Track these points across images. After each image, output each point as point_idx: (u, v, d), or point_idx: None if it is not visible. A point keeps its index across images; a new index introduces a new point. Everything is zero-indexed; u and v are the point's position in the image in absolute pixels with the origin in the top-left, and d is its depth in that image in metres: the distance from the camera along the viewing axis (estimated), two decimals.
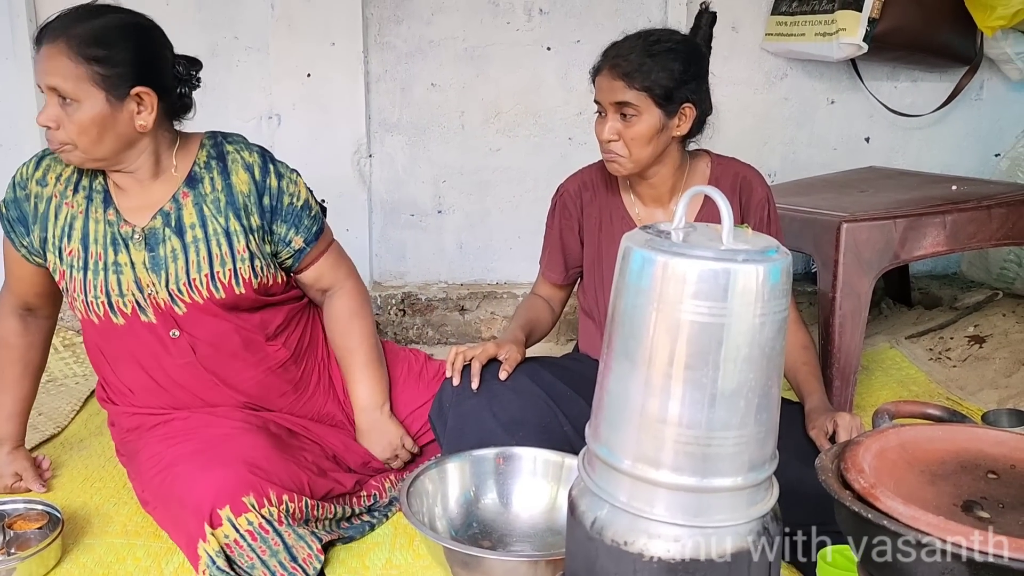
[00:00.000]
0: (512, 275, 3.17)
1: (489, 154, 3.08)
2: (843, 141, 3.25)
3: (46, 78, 1.57)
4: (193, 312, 1.71)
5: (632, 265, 1.03)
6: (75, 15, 1.59)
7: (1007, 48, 3.01)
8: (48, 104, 1.58)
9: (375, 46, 2.95)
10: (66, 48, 1.55)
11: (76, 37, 1.56)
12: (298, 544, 1.56)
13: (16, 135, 2.81)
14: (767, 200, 1.85)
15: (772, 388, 1.04)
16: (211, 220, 1.71)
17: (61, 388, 2.47)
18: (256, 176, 1.74)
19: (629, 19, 3.02)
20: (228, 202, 1.72)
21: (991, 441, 1.19)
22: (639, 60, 1.67)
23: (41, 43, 1.58)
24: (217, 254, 1.71)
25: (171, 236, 1.70)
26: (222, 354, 1.75)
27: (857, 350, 2.23)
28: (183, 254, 1.70)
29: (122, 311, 1.70)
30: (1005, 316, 2.83)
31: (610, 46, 1.74)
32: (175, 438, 1.69)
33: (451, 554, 1.41)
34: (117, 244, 1.70)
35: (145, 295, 1.70)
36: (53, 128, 1.59)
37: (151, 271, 1.70)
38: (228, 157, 1.75)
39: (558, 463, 1.63)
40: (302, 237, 1.80)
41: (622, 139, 1.70)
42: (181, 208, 1.71)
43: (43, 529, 1.68)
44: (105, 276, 1.69)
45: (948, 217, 2.28)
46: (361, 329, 1.89)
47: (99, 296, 1.69)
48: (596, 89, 1.74)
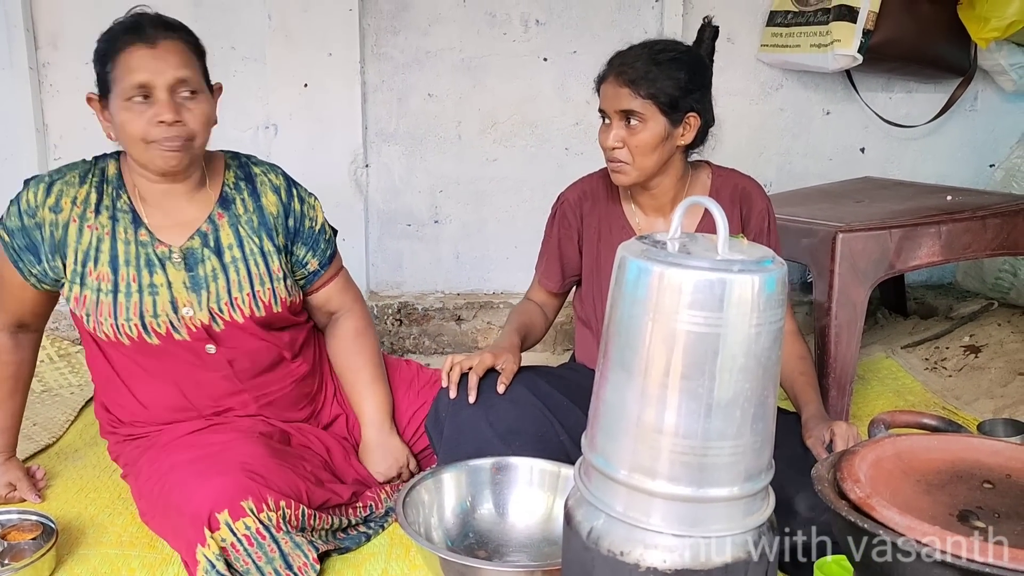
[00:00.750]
0: (509, 285, 3.17)
1: (486, 164, 3.09)
2: (838, 152, 3.27)
3: (177, 72, 1.59)
4: (230, 330, 1.73)
5: (628, 275, 1.03)
6: (151, 16, 1.65)
7: (1001, 59, 3.03)
8: (169, 101, 1.59)
9: (372, 56, 2.96)
10: (182, 43, 1.63)
11: (185, 32, 1.65)
12: (294, 552, 1.56)
13: (14, 145, 2.81)
14: (767, 212, 1.86)
15: (768, 398, 1.04)
16: (247, 240, 1.75)
17: (56, 398, 2.46)
18: (283, 198, 1.80)
19: (625, 30, 3.03)
20: (260, 223, 1.77)
21: (987, 451, 1.20)
22: (645, 68, 1.67)
23: (155, 41, 1.59)
24: (256, 274, 1.74)
25: (210, 256, 1.72)
26: (256, 368, 1.78)
27: (853, 360, 2.23)
28: (223, 274, 1.72)
29: (156, 331, 1.69)
30: (1000, 326, 2.84)
31: (615, 55, 1.74)
32: (174, 446, 1.69)
33: (447, 564, 1.41)
34: (152, 265, 1.69)
35: (179, 315, 1.69)
36: (180, 123, 1.60)
37: (191, 291, 1.70)
38: (256, 179, 1.80)
39: (554, 473, 1.63)
40: (317, 260, 1.85)
41: (627, 147, 1.70)
42: (218, 229, 1.73)
43: (37, 540, 1.67)
44: (140, 298, 1.68)
45: (943, 227, 2.29)
46: (368, 348, 1.93)
47: (131, 319, 1.67)
48: (601, 97, 1.73)
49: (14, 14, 2.71)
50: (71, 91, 2.82)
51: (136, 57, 1.58)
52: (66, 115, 2.85)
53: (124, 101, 1.58)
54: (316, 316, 1.93)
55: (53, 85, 2.82)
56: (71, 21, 2.78)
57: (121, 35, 1.61)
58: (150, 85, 1.58)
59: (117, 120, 1.61)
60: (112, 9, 2.74)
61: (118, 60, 1.59)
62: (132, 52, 1.58)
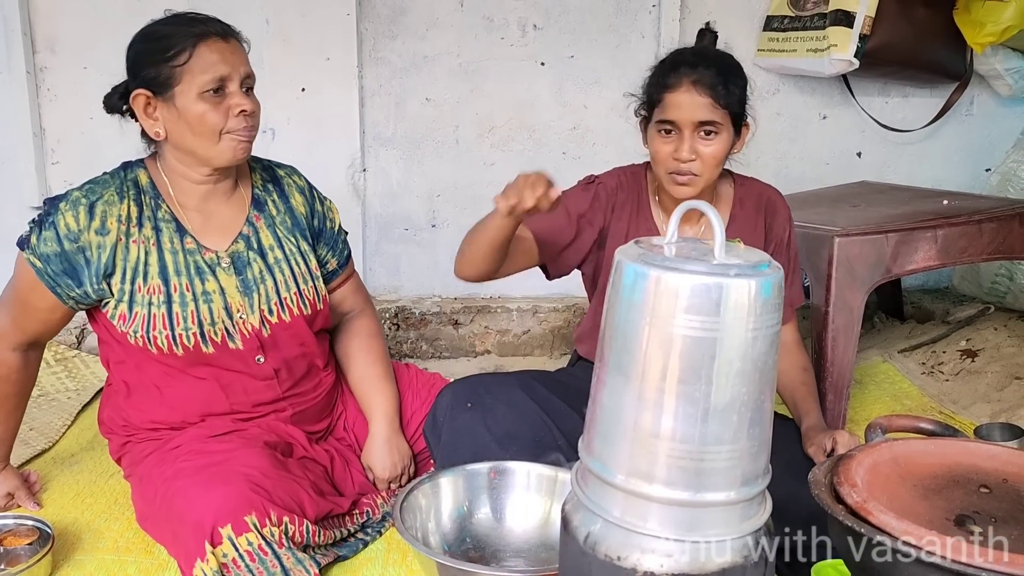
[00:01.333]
0: (506, 289, 3.16)
1: (483, 168, 3.09)
2: (835, 156, 3.27)
3: (247, 67, 1.64)
4: (277, 332, 1.75)
5: (625, 279, 1.03)
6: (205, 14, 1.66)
7: (997, 64, 3.04)
8: (243, 93, 1.63)
9: (370, 61, 2.96)
10: (240, 41, 1.66)
11: (236, 34, 1.67)
12: (296, 568, 1.53)
13: (11, 150, 2.81)
14: (788, 221, 1.87)
15: (765, 402, 1.04)
16: (285, 241, 1.79)
17: (53, 403, 2.45)
18: (308, 199, 1.85)
19: (623, 35, 3.04)
20: (293, 223, 1.81)
21: (983, 455, 1.20)
22: (720, 76, 1.63)
23: (227, 36, 1.63)
24: (299, 272, 1.79)
25: (255, 259, 1.74)
26: (294, 377, 1.81)
27: (850, 364, 2.24)
28: (270, 275, 1.75)
29: (213, 340, 1.69)
30: (997, 330, 2.84)
31: (673, 61, 1.68)
32: (179, 452, 1.68)
33: (444, 569, 1.40)
34: (203, 272, 1.69)
35: (234, 321, 1.70)
36: (256, 114, 1.66)
37: (243, 295, 1.71)
38: (283, 181, 1.84)
39: (551, 478, 1.63)
40: (336, 260, 1.90)
41: (700, 159, 1.65)
42: (258, 231, 1.77)
43: (33, 545, 1.67)
44: (196, 306, 1.67)
45: (940, 232, 2.29)
46: (380, 347, 1.97)
47: (190, 328, 1.67)
48: (667, 106, 1.65)
49: (12, 18, 2.70)
50: (69, 95, 2.82)
51: (216, 49, 1.60)
52: (63, 120, 2.84)
53: (200, 94, 1.59)
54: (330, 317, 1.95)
55: (51, 90, 2.82)
56: (69, 25, 2.78)
57: (191, 27, 1.61)
58: (228, 78, 1.60)
59: (190, 113, 1.60)
60: (109, 14, 2.75)
61: (196, 52, 1.59)
62: (211, 44, 1.60)
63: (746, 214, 1.83)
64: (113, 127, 2.83)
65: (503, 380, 1.79)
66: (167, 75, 1.60)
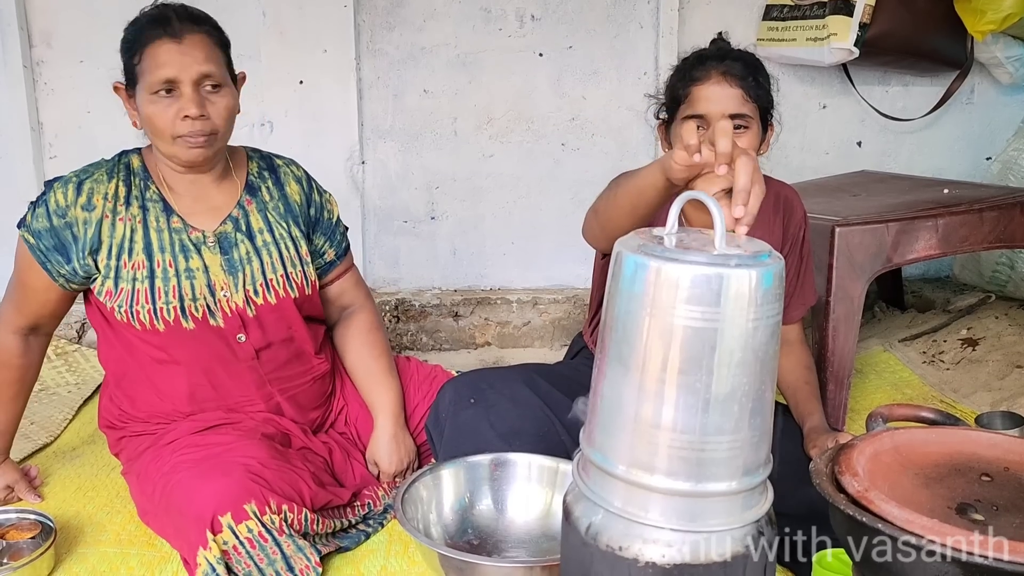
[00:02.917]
0: (505, 281, 3.17)
1: (482, 160, 3.08)
2: (835, 145, 3.27)
3: (202, 66, 1.61)
4: (263, 314, 1.76)
5: (625, 270, 1.03)
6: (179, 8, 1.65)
7: (997, 52, 3.03)
8: (194, 96, 1.60)
9: (367, 53, 2.95)
10: (207, 37, 1.64)
11: (210, 25, 1.66)
12: (296, 555, 1.55)
13: (8, 144, 2.81)
14: (804, 220, 1.86)
15: (766, 392, 1.04)
16: (276, 225, 1.80)
17: (53, 397, 2.45)
18: (304, 188, 1.87)
19: (621, 25, 3.03)
20: (286, 210, 1.82)
21: (985, 444, 1.20)
22: (748, 69, 1.59)
23: (182, 35, 1.60)
24: (288, 256, 1.79)
25: (243, 240, 1.76)
26: (278, 359, 1.80)
27: (851, 354, 2.23)
28: (257, 257, 1.76)
29: (193, 316, 1.71)
30: (998, 319, 2.84)
31: (700, 55, 1.64)
32: (177, 446, 1.69)
33: (446, 560, 1.41)
34: (187, 250, 1.71)
35: (216, 299, 1.72)
36: (204, 117, 1.62)
37: (227, 273, 1.73)
38: (279, 170, 1.86)
39: (553, 469, 1.63)
40: (334, 250, 1.91)
41: None
42: (248, 214, 1.78)
43: (36, 539, 1.67)
44: (178, 282, 1.69)
45: (940, 220, 2.29)
46: (382, 342, 1.98)
47: (171, 302, 1.69)
48: (696, 99, 1.62)
49: (7, 13, 2.70)
50: (66, 90, 2.82)
51: (163, 51, 1.60)
52: (61, 114, 2.84)
53: (150, 95, 1.61)
54: (329, 311, 1.96)
55: (48, 84, 2.82)
56: (65, 19, 2.77)
57: (148, 27, 1.62)
58: (176, 80, 1.60)
59: (144, 112, 1.64)
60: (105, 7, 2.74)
61: (145, 53, 1.61)
62: (159, 46, 1.60)
63: (763, 215, 1.81)
64: (110, 120, 2.84)
65: (506, 375, 1.78)
66: (130, 72, 1.65)
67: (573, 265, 3.10)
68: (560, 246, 3.13)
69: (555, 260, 3.15)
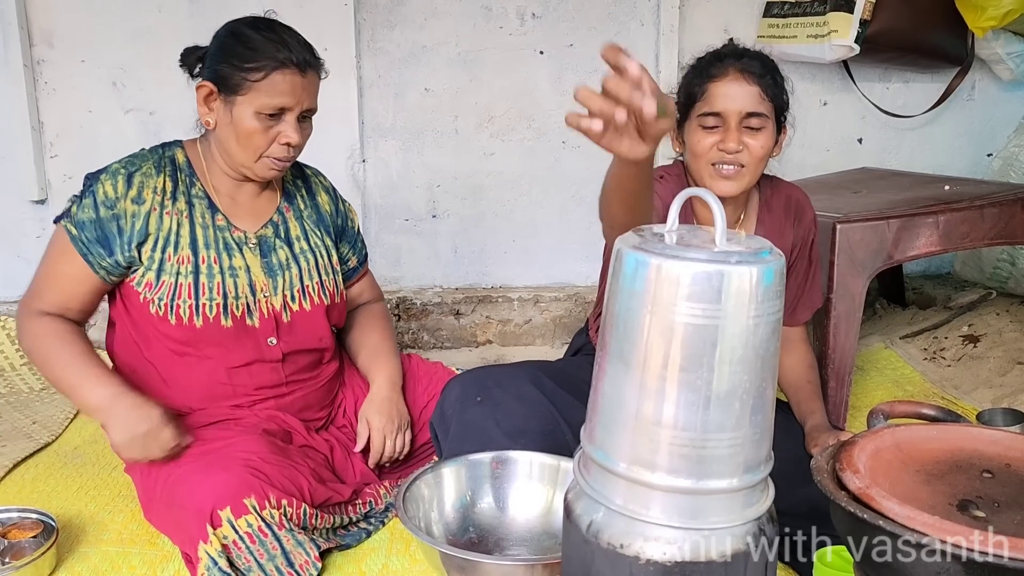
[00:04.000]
0: (507, 279, 3.17)
1: (483, 158, 3.08)
2: (836, 142, 3.27)
3: (312, 102, 1.70)
4: (296, 320, 1.80)
5: (626, 267, 1.03)
6: (299, 38, 1.69)
7: (998, 48, 3.02)
8: (295, 125, 1.67)
9: (368, 51, 2.95)
10: (317, 76, 1.71)
11: (317, 66, 1.71)
12: (296, 550, 1.56)
13: (10, 144, 2.81)
14: (813, 222, 1.87)
15: (767, 390, 1.04)
16: (311, 234, 1.86)
17: (55, 396, 2.46)
18: (332, 198, 1.94)
19: (622, 22, 3.03)
20: (319, 219, 1.89)
21: (986, 440, 1.20)
22: (766, 68, 1.59)
23: (306, 70, 1.66)
24: (322, 264, 1.85)
25: (282, 246, 1.81)
26: (300, 364, 1.83)
27: (852, 351, 2.23)
28: (295, 263, 1.81)
29: (233, 314, 1.73)
30: (999, 315, 2.84)
31: (717, 53, 1.63)
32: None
33: (447, 558, 1.41)
34: (231, 248, 1.74)
35: (256, 299, 1.75)
36: (298, 147, 1.71)
37: (267, 275, 1.76)
38: (310, 179, 1.93)
39: (554, 466, 1.63)
40: (356, 257, 2.01)
41: (746, 150, 1.59)
42: (287, 221, 1.84)
43: (38, 538, 1.68)
44: (222, 279, 1.72)
45: (941, 217, 2.29)
46: (389, 326, 2.07)
47: (215, 298, 1.71)
48: (713, 96, 1.61)
49: (8, 12, 2.70)
50: (67, 89, 2.82)
51: (288, 81, 1.64)
52: (62, 113, 2.84)
53: (256, 113, 1.64)
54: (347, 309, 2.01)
55: (48, 83, 2.81)
56: (66, 19, 2.77)
57: (276, 50, 1.63)
58: (289, 109, 1.65)
59: (242, 125, 1.65)
60: (105, 6, 2.74)
61: (270, 76, 1.63)
62: (286, 75, 1.63)
63: (774, 218, 1.81)
64: (112, 120, 2.84)
65: (512, 373, 1.78)
66: (237, 82, 1.64)
67: (574, 263, 3.10)
68: (561, 244, 3.13)
69: (556, 258, 3.15)
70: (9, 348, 2.66)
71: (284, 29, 1.69)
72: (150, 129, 2.82)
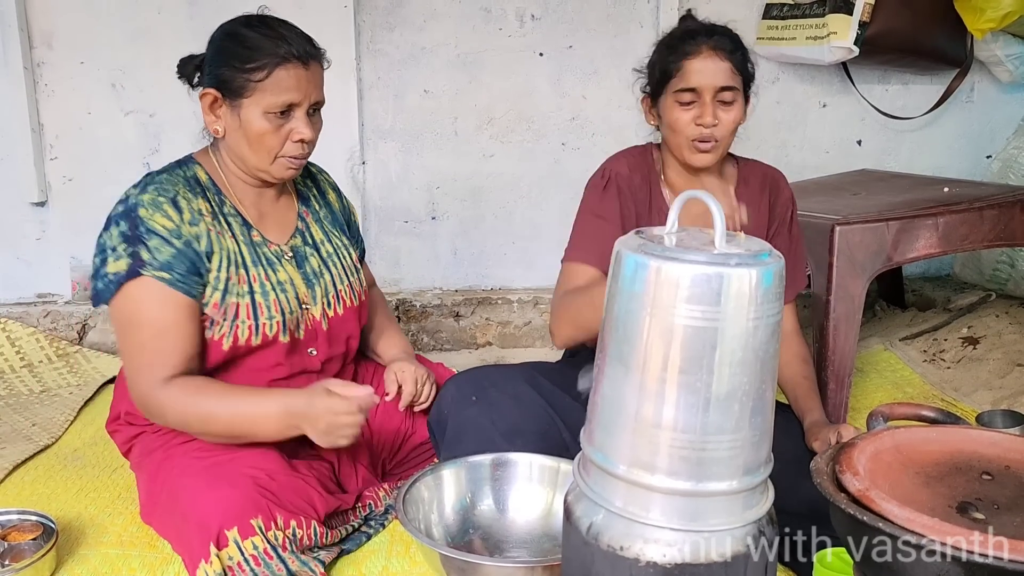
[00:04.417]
0: (507, 281, 3.17)
1: (482, 160, 3.08)
2: (835, 144, 3.27)
3: (319, 94, 1.65)
4: (333, 326, 1.78)
5: (625, 270, 1.03)
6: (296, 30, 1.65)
7: (997, 50, 3.03)
8: (306, 120, 1.63)
9: (367, 53, 2.95)
10: (321, 66, 1.66)
11: (322, 53, 1.67)
12: (302, 570, 1.53)
13: (9, 146, 2.81)
14: (791, 201, 1.88)
15: (766, 392, 1.04)
16: (332, 236, 1.85)
17: (55, 398, 2.46)
18: (338, 194, 1.94)
19: (621, 24, 3.03)
20: (334, 219, 1.88)
21: (985, 442, 1.20)
22: (734, 44, 1.67)
23: (308, 62, 1.62)
24: (347, 266, 1.84)
25: (312, 253, 1.79)
26: (331, 371, 1.81)
27: (851, 352, 2.23)
28: (326, 268, 1.79)
29: (291, 329, 1.70)
30: (998, 317, 2.84)
31: (688, 29, 1.70)
32: (188, 448, 1.65)
33: (447, 561, 1.41)
34: (273, 264, 1.70)
35: (302, 311, 1.73)
36: (308, 140, 1.65)
37: (307, 286, 1.74)
38: (318, 178, 1.91)
39: (554, 468, 1.63)
40: (358, 252, 1.96)
41: (720, 124, 1.67)
42: (309, 226, 1.82)
43: (37, 540, 1.67)
44: (277, 296, 1.68)
45: (940, 219, 2.29)
46: (390, 309, 2.09)
47: (274, 316, 1.66)
48: (689, 72, 1.66)
49: (8, 13, 2.69)
50: (66, 91, 2.82)
51: (292, 76, 1.59)
52: (61, 115, 2.84)
53: (264, 113, 1.60)
54: None
55: (48, 85, 2.81)
56: (65, 20, 2.77)
57: (275, 46, 1.59)
58: (297, 104, 1.61)
59: (251, 128, 1.60)
60: (105, 8, 2.74)
61: (273, 73, 1.58)
62: (289, 70, 1.59)
63: (751, 192, 1.83)
64: (111, 122, 2.84)
65: (508, 373, 1.78)
66: (240, 84, 1.59)
67: None
68: (561, 245, 3.10)
69: (556, 259, 3.13)
70: (9, 350, 2.66)
71: (280, 23, 1.64)
72: (150, 131, 2.82)
